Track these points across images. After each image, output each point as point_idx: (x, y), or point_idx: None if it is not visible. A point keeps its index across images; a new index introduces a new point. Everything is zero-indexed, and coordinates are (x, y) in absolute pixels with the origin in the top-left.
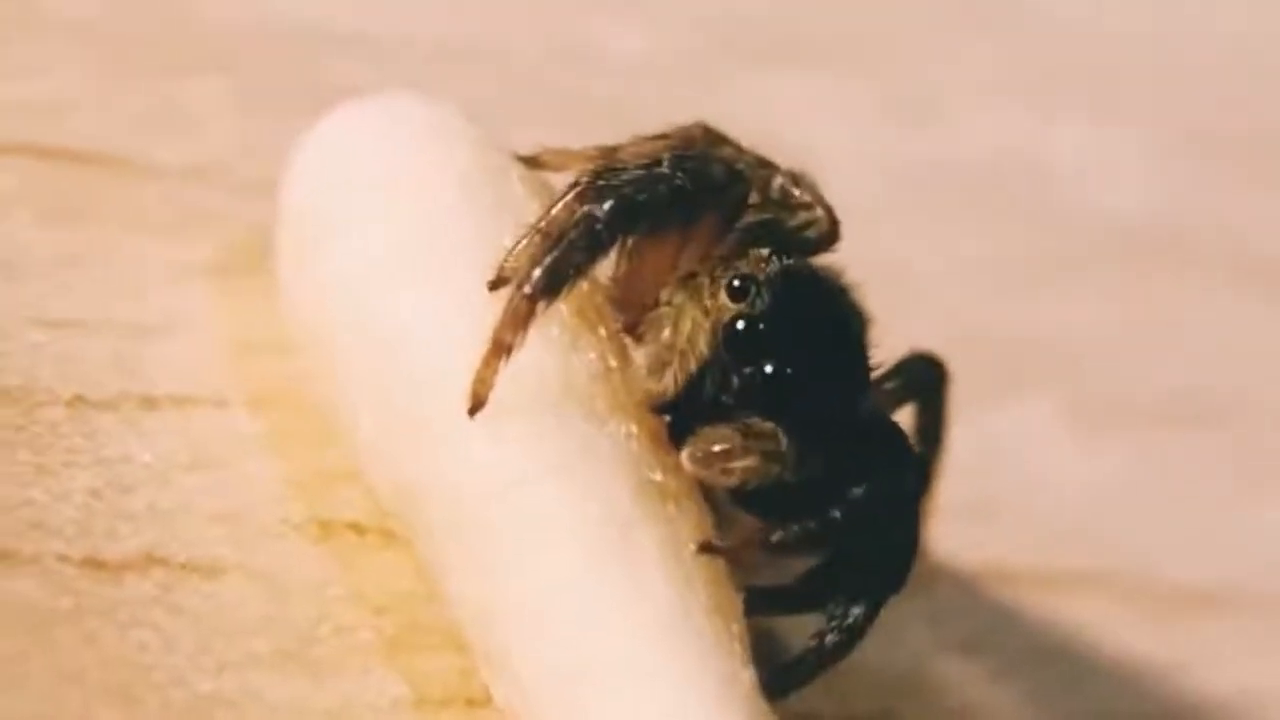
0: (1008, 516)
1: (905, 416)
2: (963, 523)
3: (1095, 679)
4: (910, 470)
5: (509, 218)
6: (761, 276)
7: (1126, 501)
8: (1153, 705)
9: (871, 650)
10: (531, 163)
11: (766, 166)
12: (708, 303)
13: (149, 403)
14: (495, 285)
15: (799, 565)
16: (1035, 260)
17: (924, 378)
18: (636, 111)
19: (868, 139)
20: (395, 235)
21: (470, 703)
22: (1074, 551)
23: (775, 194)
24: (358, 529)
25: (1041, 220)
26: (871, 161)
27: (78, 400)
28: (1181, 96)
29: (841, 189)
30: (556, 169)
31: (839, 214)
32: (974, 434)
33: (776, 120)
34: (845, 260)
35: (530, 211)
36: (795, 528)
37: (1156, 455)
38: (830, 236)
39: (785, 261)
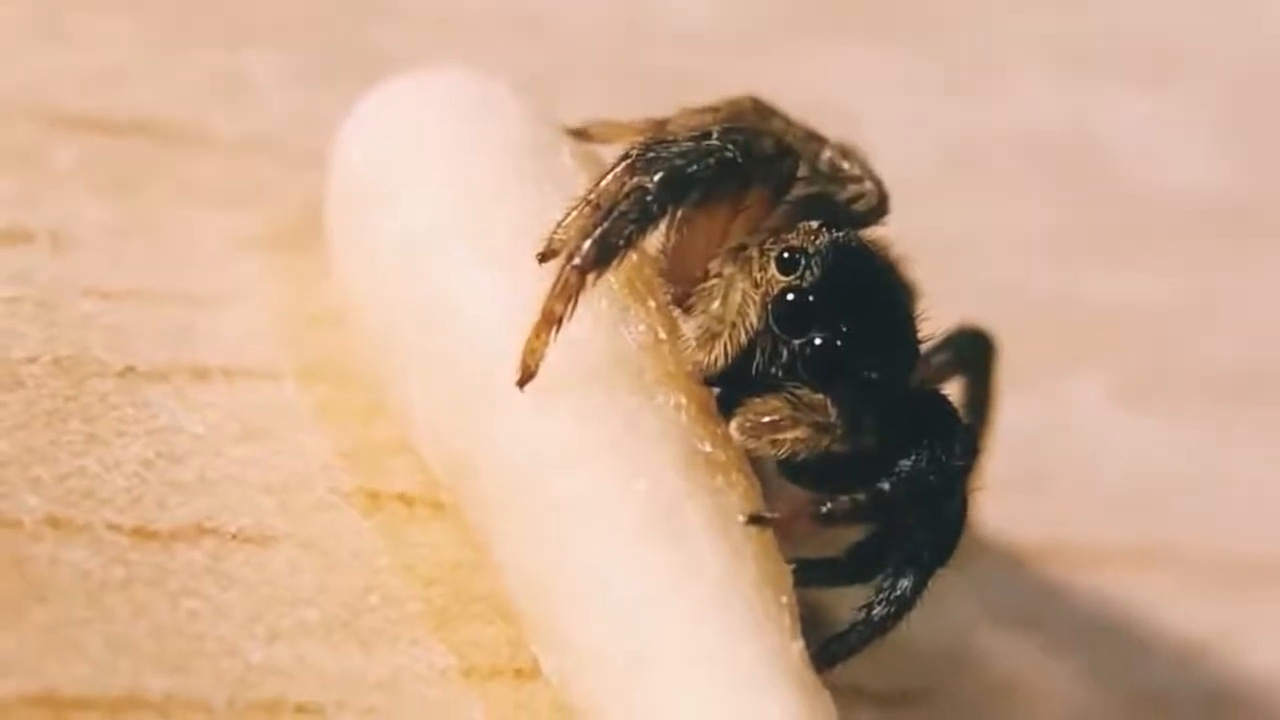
0: (1060, 491)
1: (953, 389)
2: (1014, 497)
3: (1147, 655)
4: (959, 442)
5: (558, 190)
6: (811, 249)
7: (1180, 476)
8: (1206, 681)
9: (918, 624)
10: (581, 135)
11: (816, 140)
12: (757, 275)
13: (200, 374)
14: (545, 257)
15: (847, 538)
16: (1093, 233)
17: (972, 351)
18: (690, 83)
19: (926, 111)
20: (445, 208)
21: (519, 673)
22: (1126, 526)
23: (824, 167)
24: (407, 500)
25: (1099, 193)
26: (929, 133)
27: (129, 371)
28: (1245, 67)
29: (899, 161)
30: (606, 142)
31: (895, 186)
32: (1027, 408)
33: (833, 91)
34: (900, 232)
35: (580, 184)
36: (845, 499)
37: (1212, 429)
38: (879, 210)
39: (835, 234)
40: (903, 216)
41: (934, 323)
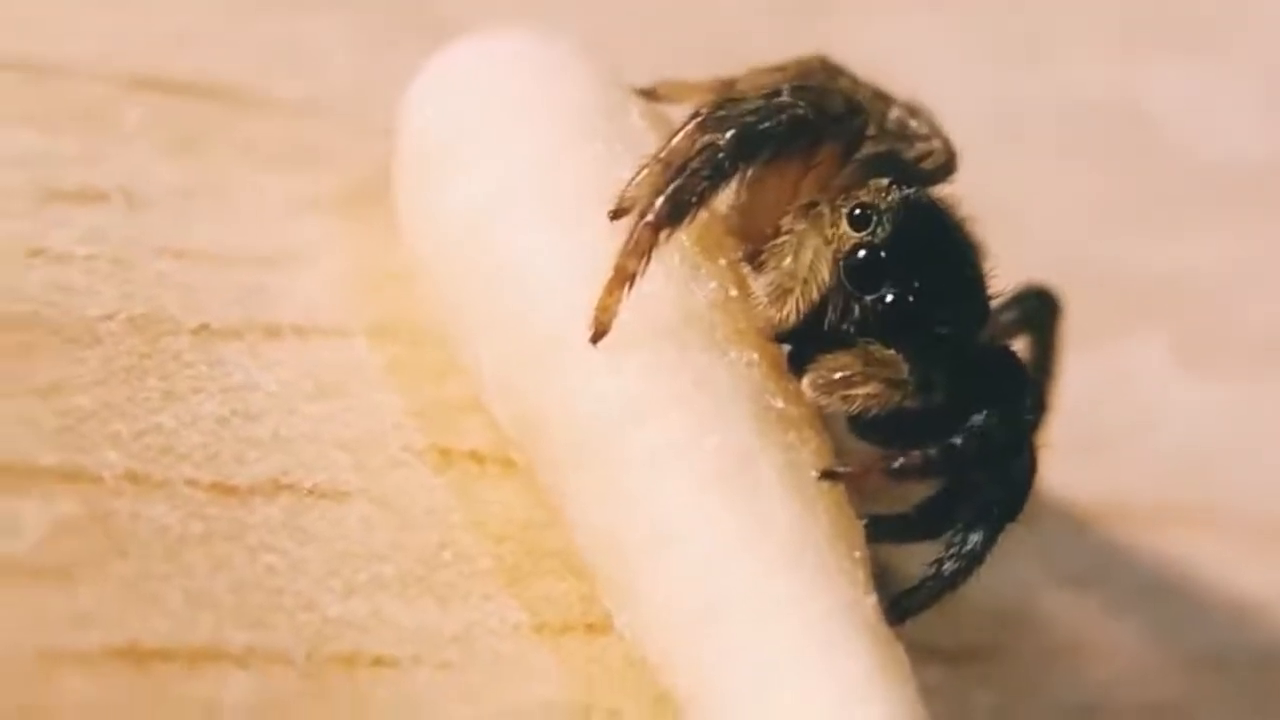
0: (1120, 452)
1: (1019, 348)
2: (1075, 458)
3: (1209, 615)
4: (1028, 398)
5: (628, 150)
6: (883, 205)
7: (1240, 438)
8: (1265, 640)
9: (984, 582)
10: (649, 95)
11: (883, 98)
12: (829, 231)
13: (273, 332)
14: (616, 215)
15: (917, 495)
16: (1147, 199)
17: (1038, 310)
18: (748, 48)
19: (979, 80)
20: (514, 168)
21: (590, 629)
22: (1187, 487)
23: (893, 125)
24: (478, 458)
25: (1153, 160)
26: (983, 102)
27: (203, 329)
28: None
29: (953, 129)
30: (674, 101)
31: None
32: (1086, 371)
33: (888, 59)
34: (958, 197)
35: (649, 143)
36: (916, 454)
37: (1269, 392)
38: (947, 167)
39: (905, 191)
40: (957, 182)
41: (997, 284)
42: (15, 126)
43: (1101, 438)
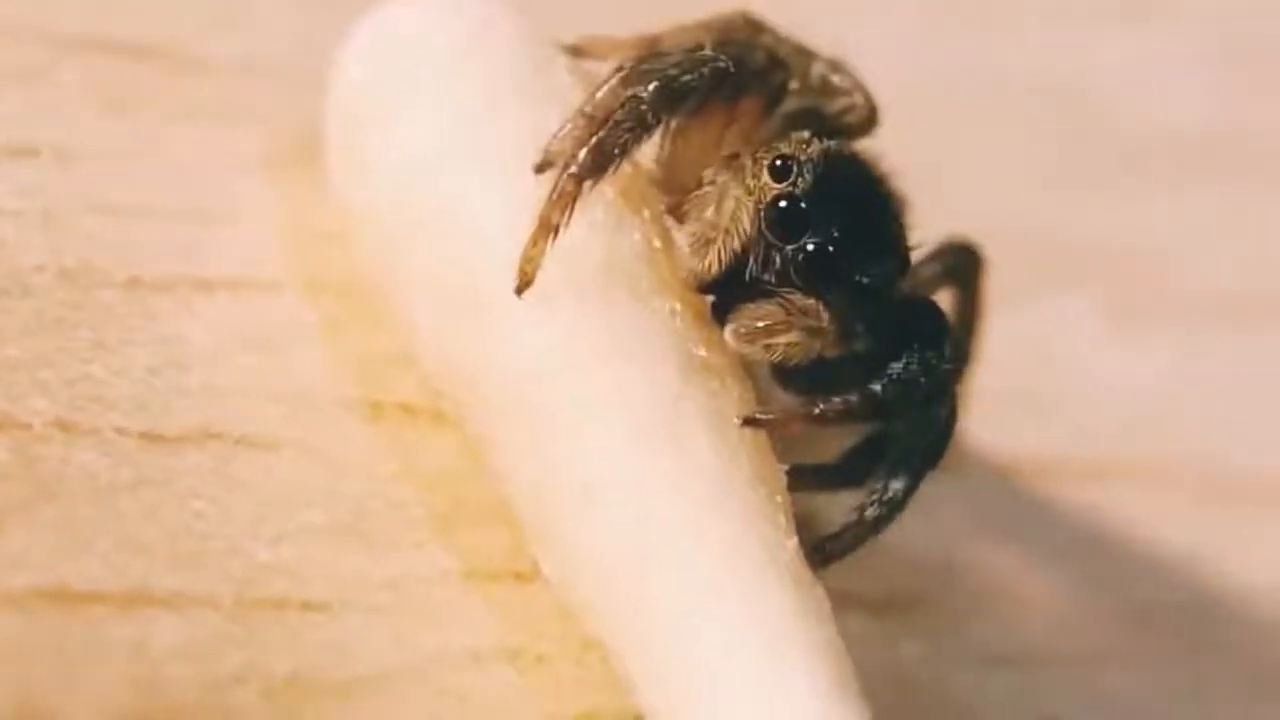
0: (1050, 409)
1: (942, 301)
2: (1005, 414)
3: (1136, 569)
4: (948, 346)
5: (555, 105)
6: (803, 157)
7: (1166, 394)
8: (1193, 594)
9: (909, 532)
10: (576, 52)
11: (806, 54)
12: (750, 182)
13: (204, 286)
14: (541, 168)
15: (838, 446)
16: (1083, 164)
17: (961, 263)
18: (675, 7)
19: (917, 45)
20: (443, 124)
21: (519, 576)
22: (1115, 444)
23: (815, 81)
24: (409, 410)
25: (1090, 126)
26: (921, 67)
27: (134, 282)
28: (1226, 4)
29: (890, 93)
30: (600, 58)
31: (883, 119)
32: (1017, 329)
33: (820, 24)
34: (880, 151)
35: (575, 99)
36: (837, 400)
37: (1198, 350)
38: (869, 122)
39: (826, 144)
40: (891, 147)
41: (921, 239)
42: None
43: (1031, 395)
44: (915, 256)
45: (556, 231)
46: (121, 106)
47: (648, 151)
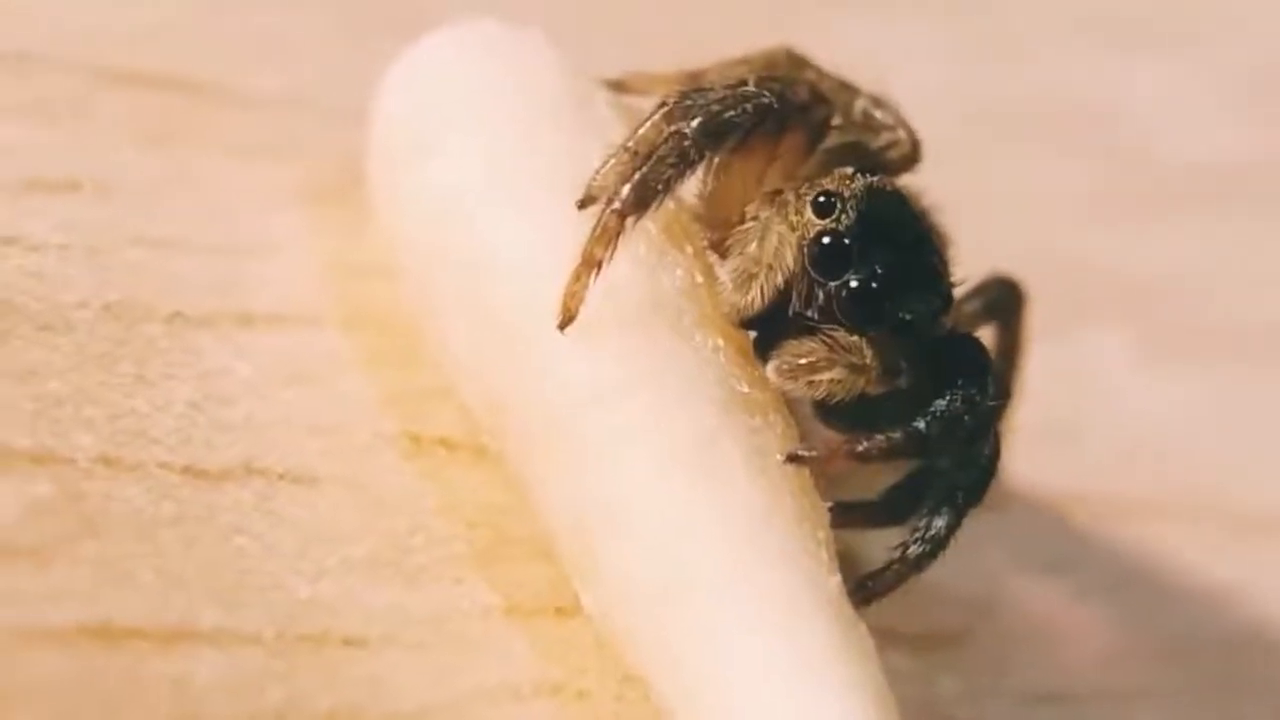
0: (1086, 444)
1: (984, 337)
2: (1040, 448)
3: (1174, 603)
4: (991, 383)
5: (596, 140)
6: (847, 193)
7: (1203, 431)
8: (1228, 627)
9: (950, 569)
10: (618, 87)
11: (849, 89)
12: (793, 218)
13: (246, 320)
14: (584, 204)
15: (881, 483)
16: (1116, 195)
17: (1003, 299)
18: (717, 43)
19: (953, 76)
20: (485, 158)
21: (560, 611)
22: (1152, 479)
23: (858, 116)
24: (448, 444)
25: (1124, 157)
26: (956, 98)
27: (177, 316)
28: (1268, 33)
29: (926, 125)
30: (641, 93)
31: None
32: (1052, 363)
33: (860, 57)
34: (923, 187)
35: (617, 133)
36: (880, 437)
37: (1232, 384)
38: (912, 157)
39: (869, 180)
40: (926, 179)
41: (962, 274)
42: None
43: (1068, 429)
44: (957, 292)
45: (600, 267)
46: (162, 140)
47: (690, 187)
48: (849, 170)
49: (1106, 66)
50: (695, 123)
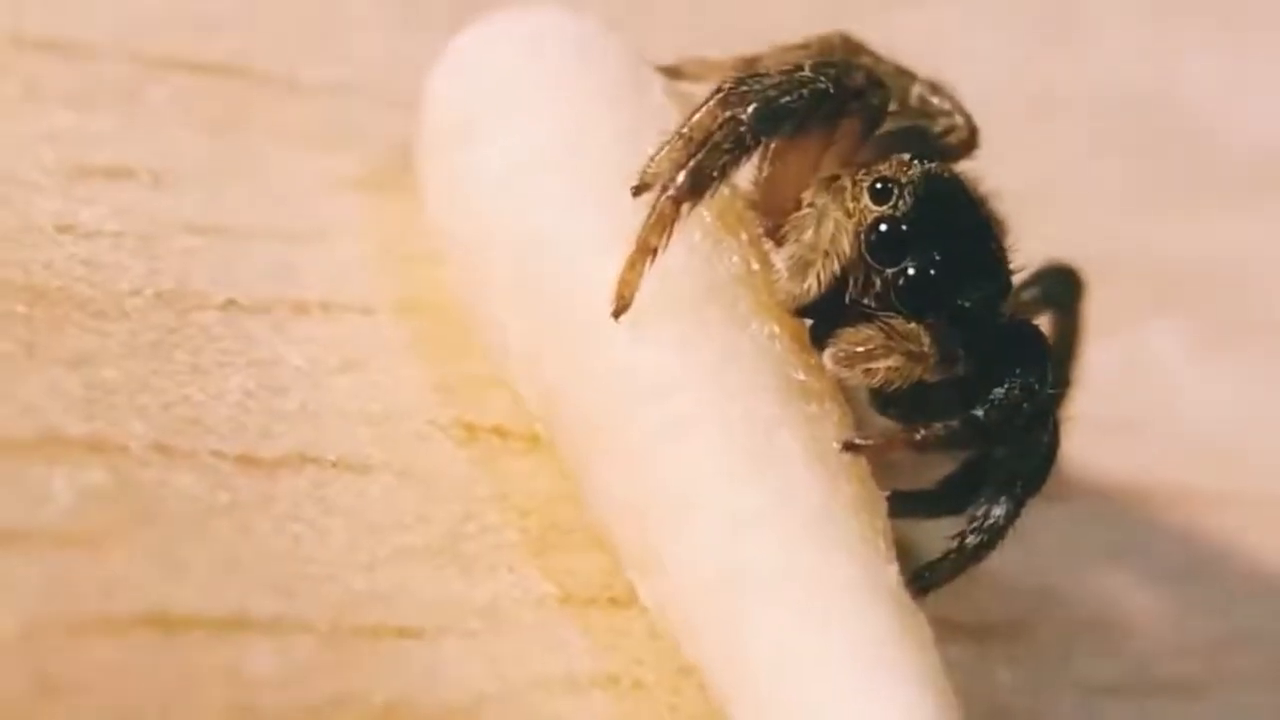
0: (1146, 433)
1: (1042, 325)
2: (1101, 438)
3: (1233, 594)
4: (1050, 371)
5: (651, 126)
6: (904, 179)
7: (1263, 421)
8: None
9: (1009, 560)
10: (673, 73)
11: (905, 75)
12: (850, 205)
13: (299, 308)
14: (639, 191)
15: (938, 474)
16: (1176, 184)
17: (1061, 287)
18: (772, 29)
19: (1009, 63)
20: (539, 144)
21: (614, 601)
22: (1212, 469)
23: (914, 102)
24: (502, 433)
25: (1184, 145)
26: (1014, 86)
27: (230, 304)
28: None
29: (983, 113)
30: (697, 79)
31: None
32: (1113, 353)
33: (914, 43)
34: (980, 173)
35: (672, 120)
36: (939, 425)
37: None
38: (969, 143)
39: (927, 165)
40: (984, 167)
41: (1021, 263)
42: (48, 105)
43: (1127, 419)
44: (1015, 280)
45: (654, 254)
46: (215, 127)
47: (746, 174)
48: (906, 156)
49: (1166, 52)
50: (751, 109)
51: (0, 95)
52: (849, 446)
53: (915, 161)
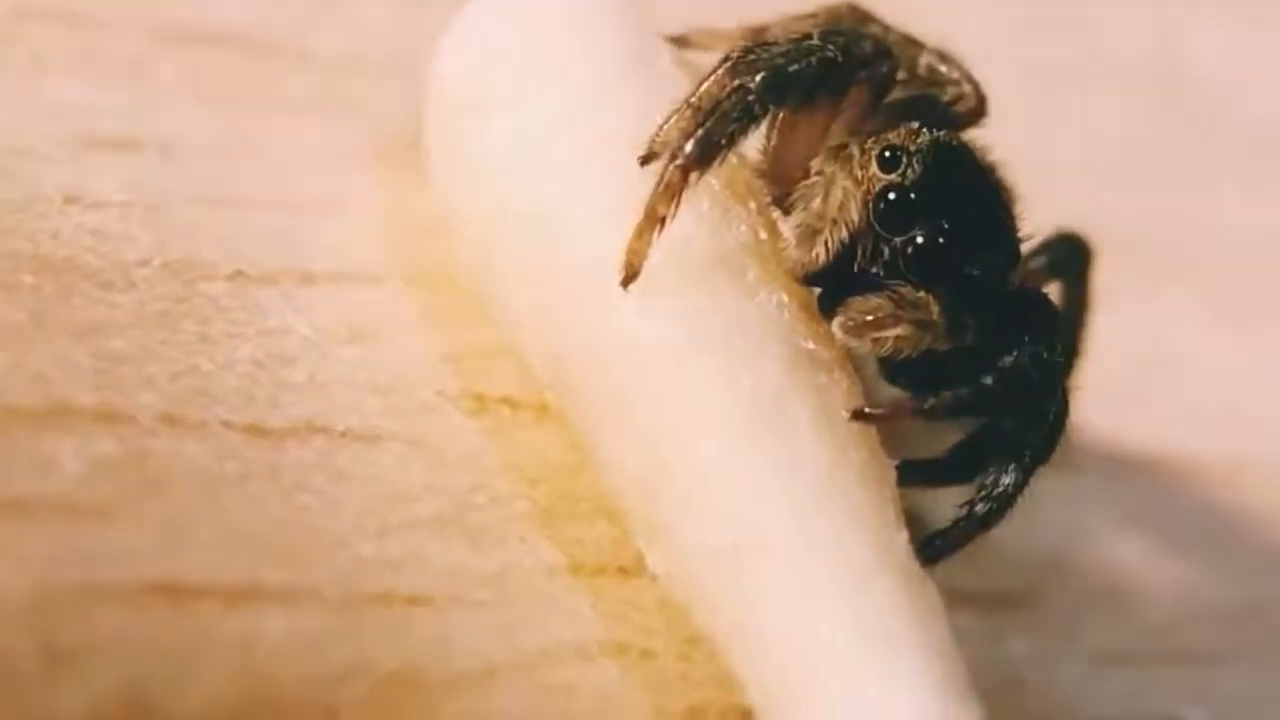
0: (1157, 404)
1: (1051, 293)
2: (1113, 408)
3: (1244, 565)
4: (1059, 339)
5: (659, 96)
6: (912, 147)
7: (1273, 389)
8: None
9: (1018, 529)
10: (681, 43)
11: (913, 44)
12: (858, 172)
13: (307, 278)
14: (646, 160)
15: (948, 442)
16: (1185, 155)
17: (1069, 256)
18: (778, 1)
19: (1019, 36)
20: (545, 114)
21: (623, 571)
22: (1222, 439)
23: (922, 71)
24: (511, 403)
25: (1192, 117)
26: (1023, 59)
27: (238, 275)
28: None
29: (993, 86)
30: (705, 48)
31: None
32: (1124, 323)
33: (922, 16)
34: (988, 142)
35: (680, 89)
36: (947, 394)
37: None
38: (977, 112)
39: (935, 134)
40: (993, 139)
41: (1029, 232)
42: (56, 77)
43: (1141, 390)
44: (1024, 248)
45: (663, 223)
46: (222, 99)
47: (754, 142)
48: (914, 125)
49: (1174, 24)
50: (759, 77)
51: (7, 66)
52: (858, 415)
53: (924, 130)
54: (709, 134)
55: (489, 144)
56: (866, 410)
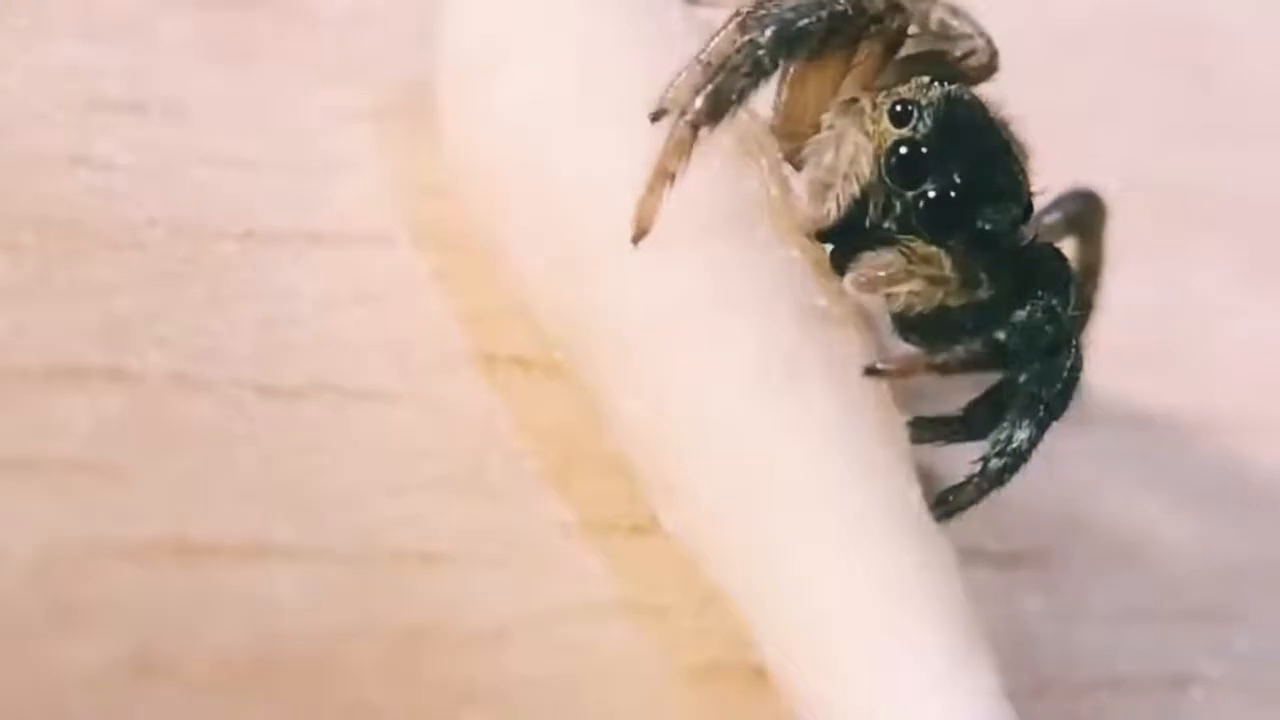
0: (1176, 361)
1: (1066, 250)
2: (1131, 366)
3: (1262, 522)
4: (1073, 294)
5: (670, 53)
6: (924, 101)
7: None
8: None
9: (1038, 487)
10: (691, 0)
11: None
12: (870, 127)
13: (316, 239)
14: (657, 116)
15: (960, 401)
16: (1198, 113)
17: (1083, 212)
18: None
19: None
20: (555, 72)
21: (636, 528)
22: (1243, 396)
23: (934, 25)
24: (522, 363)
25: (1204, 73)
26: (1040, 15)
27: (247, 235)
28: None
29: (1007, 44)
30: (716, 4)
31: (1005, 69)
32: (1147, 281)
33: None
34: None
35: (691, 46)
36: (960, 349)
37: None
38: (989, 66)
39: (946, 88)
40: (1013, 98)
41: (1044, 187)
42: (61, 38)
43: (1160, 348)
44: (1037, 205)
45: (673, 179)
46: (230, 59)
47: (765, 98)
48: (926, 79)
49: None
50: (769, 32)
51: (11, 28)
52: (871, 371)
53: (935, 84)
54: (719, 90)
55: (500, 102)
56: (879, 366)
